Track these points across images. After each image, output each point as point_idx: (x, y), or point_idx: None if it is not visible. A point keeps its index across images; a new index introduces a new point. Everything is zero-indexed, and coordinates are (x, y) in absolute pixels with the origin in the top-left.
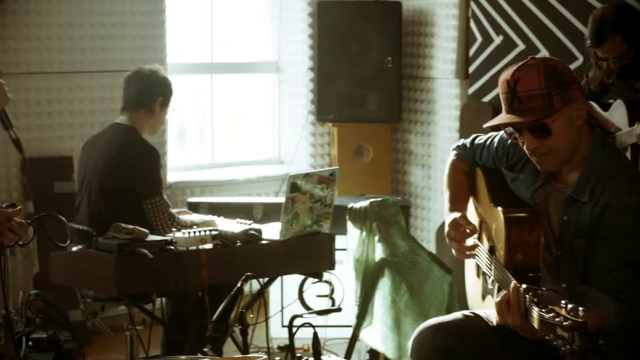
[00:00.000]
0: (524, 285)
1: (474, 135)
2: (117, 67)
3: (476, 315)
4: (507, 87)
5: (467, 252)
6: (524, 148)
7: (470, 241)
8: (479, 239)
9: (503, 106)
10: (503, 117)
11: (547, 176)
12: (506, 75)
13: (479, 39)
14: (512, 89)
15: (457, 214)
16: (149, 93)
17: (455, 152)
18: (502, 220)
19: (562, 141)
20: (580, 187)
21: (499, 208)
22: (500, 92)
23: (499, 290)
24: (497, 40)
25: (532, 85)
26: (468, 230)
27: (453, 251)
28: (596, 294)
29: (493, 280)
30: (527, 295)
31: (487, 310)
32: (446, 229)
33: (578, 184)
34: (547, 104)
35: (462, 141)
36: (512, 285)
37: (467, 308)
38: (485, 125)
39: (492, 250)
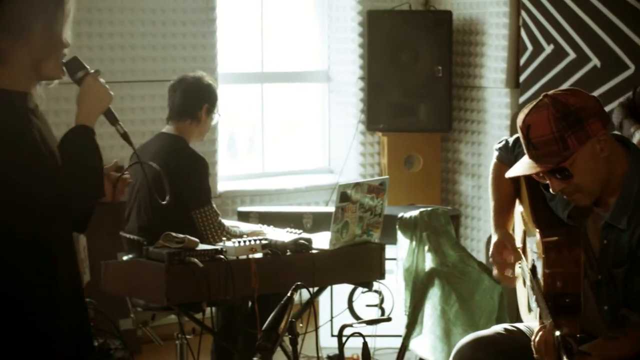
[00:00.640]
0: (557, 332)
1: (517, 135)
2: (168, 76)
3: (518, 329)
4: (521, 133)
5: (505, 282)
6: (551, 191)
7: (509, 273)
8: (523, 250)
9: (524, 150)
10: (523, 165)
11: None
12: (519, 120)
13: (530, 47)
14: (525, 136)
15: (501, 233)
16: (195, 102)
17: (497, 153)
18: (541, 245)
19: (588, 178)
20: (616, 214)
21: (538, 231)
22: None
23: (540, 317)
24: (548, 49)
25: (543, 131)
26: (512, 259)
27: (494, 271)
28: (637, 319)
29: (536, 299)
30: (560, 344)
31: (531, 323)
32: (491, 248)
33: (614, 211)
34: (562, 147)
35: (504, 139)
36: (548, 327)
37: (518, 316)
38: (507, 175)
39: (534, 271)
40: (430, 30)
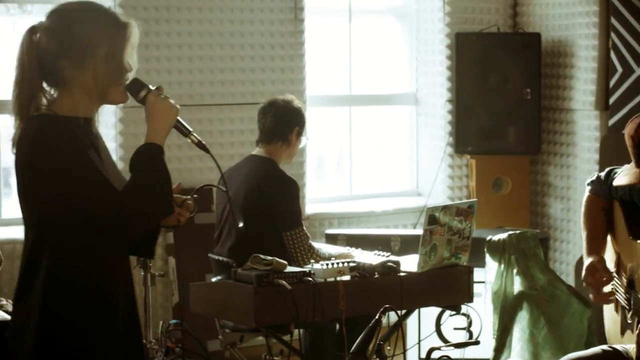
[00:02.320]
0: None
1: (608, 169)
2: (256, 99)
3: (615, 350)
4: (631, 141)
5: (602, 300)
6: None
7: (607, 288)
8: (618, 272)
9: (632, 159)
10: (632, 174)
11: None
12: (629, 129)
13: (619, 69)
14: (637, 144)
15: (594, 258)
16: (286, 125)
17: (590, 187)
18: None
19: None
20: None
21: (638, 242)
22: (627, 145)
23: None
24: (638, 71)
25: None
26: (604, 279)
27: (590, 295)
28: None
29: (632, 315)
30: None
31: (626, 345)
32: (583, 272)
33: None
34: None
35: (596, 175)
36: None
37: (605, 342)
38: (615, 184)
39: (631, 284)
40: (518, 53)
